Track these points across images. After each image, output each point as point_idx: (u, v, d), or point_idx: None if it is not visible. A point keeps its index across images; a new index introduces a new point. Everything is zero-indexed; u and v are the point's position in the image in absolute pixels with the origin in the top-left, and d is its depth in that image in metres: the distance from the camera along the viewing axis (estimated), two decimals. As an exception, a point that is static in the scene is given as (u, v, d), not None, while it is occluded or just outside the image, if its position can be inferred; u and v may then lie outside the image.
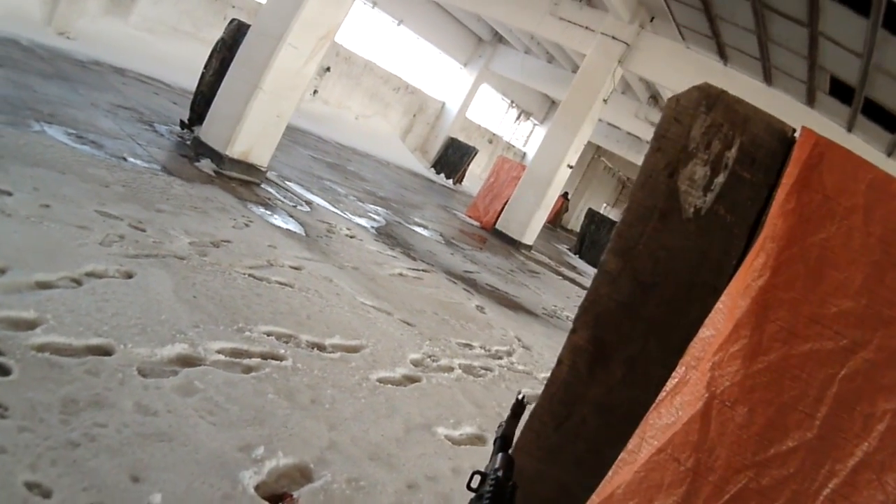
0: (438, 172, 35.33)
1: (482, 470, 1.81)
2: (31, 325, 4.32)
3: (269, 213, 10.26)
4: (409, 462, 4.98)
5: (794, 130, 2.46)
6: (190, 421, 4.11)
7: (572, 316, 12.91)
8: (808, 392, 2.04)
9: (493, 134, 44.31)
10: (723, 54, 20.78)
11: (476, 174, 38.97)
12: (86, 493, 3.23)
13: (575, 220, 51.49)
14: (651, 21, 22.03)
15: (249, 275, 6.96)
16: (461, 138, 37.84)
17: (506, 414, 2.14)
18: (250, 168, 11.75)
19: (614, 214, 59.49)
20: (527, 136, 47.98)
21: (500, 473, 1.72)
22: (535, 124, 47.43)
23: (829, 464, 1.97)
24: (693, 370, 2.15)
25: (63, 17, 19.37)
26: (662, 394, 2.17)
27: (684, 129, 2.59)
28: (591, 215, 32.99)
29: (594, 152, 51.64)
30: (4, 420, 3.40)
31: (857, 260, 2.13)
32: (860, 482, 1.95)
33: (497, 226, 22.75)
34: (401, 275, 10.43)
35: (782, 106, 20.18)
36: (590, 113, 22.50)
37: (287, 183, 13.29)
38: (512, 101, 43.79)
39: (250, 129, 11.49)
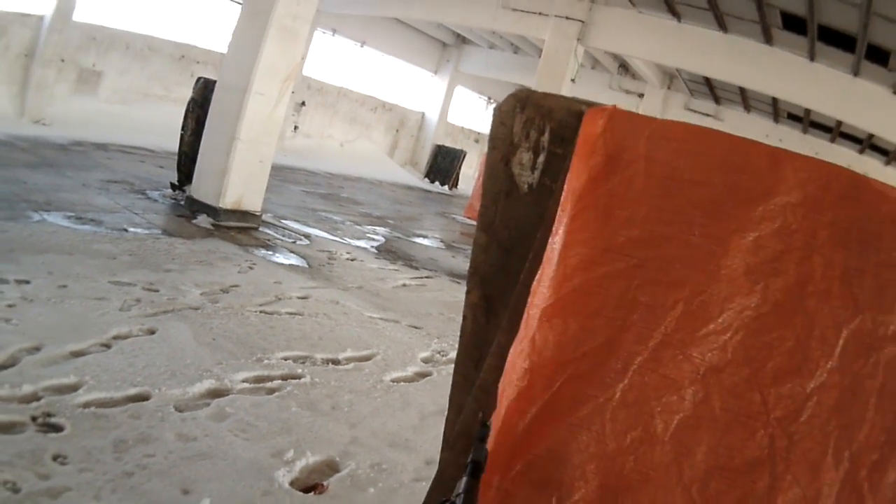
0: (433, 181, 35.68)
1: (448, 498, 2.00)
2: (73, 388, 4.88)
3: (270, 253, 10.79)
4: (426, 444, 5.51)
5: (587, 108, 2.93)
6: (226, 440, 4.69)
7: None
8: (608, 302, 2.65)
9: (478, 133, 44.57)
10: (674, 12, 21.04)
11: (469, 175, 38.80)
12: (145, 509, 3.82)
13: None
14: (600, -7, 22.40)
15: (261, 311, 7.51)
16: (447, 143, 38.26)
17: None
18: (245, 215, 12.26)
19: None
20: (510, 129, 47.74)
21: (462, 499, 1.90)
22: (516, 114, 47.24)
23: (632, 346, 2.58)
24: (531, 308, 2.79)
25: (34, 105, 19.71)
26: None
27: (508, 128, 3.18)
28: None
29: None
30: (65, 466, 3.99)
31: (640, 198, 2.71)
32: (665, 357, 2.57)
33: (492, 224, 22.78)
34: (404, 285, 10.97)
35: (742, 50, 20.87)
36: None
37: (283, 221, 13.79)
38: (489, 98, 43.87)
39: (237, 179, 12.02)
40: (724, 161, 2.70)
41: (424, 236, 17.40)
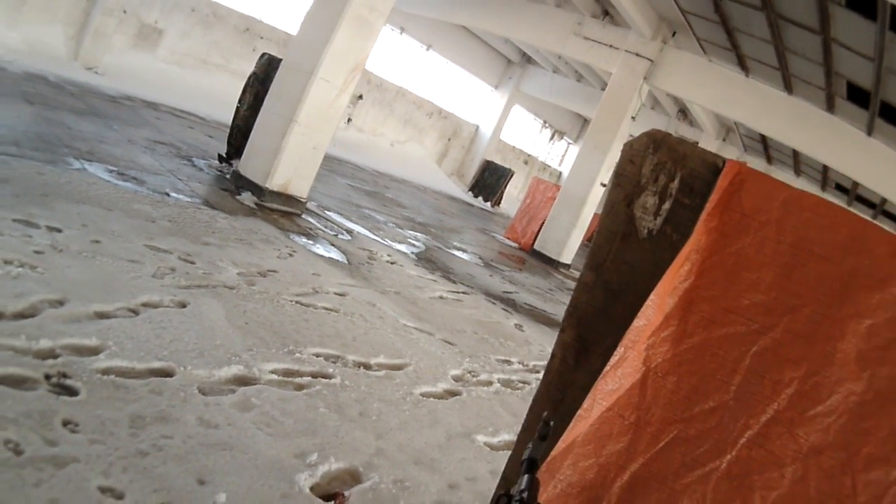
0: (476, 196, 35.43)
1: (507, 492, 1.94)
2: (94, 351, 4.63)
3: (311, 242, 10.52)
4: (451, 465, 5.27)
5: (724, 162, 2.87)
6: (248, 432, 4.43)
7: None
8: (725, 365, 2.64)
9: (528, 155, 44.35)
10: (743, 66, 20.92)
11: (513, 195, 39.16)
12: (156, 494, 3.55)
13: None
14: (673, 36, 22.25)
15: (296, 302, 7.25)
16: (497, 160, 37.90)
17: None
18: (290, 199, 12.03)
19: None
20: (561, 156, 47.93)
21: (524, 495, 1.85)
22: (568, 143, 47.44)
23: (744, 419, 2.56)
24: (630, 350, 2.78)
25: (89, 52, 19.70)
26: (607, 367, 2.80)
27: (637, 167, 3.10)
28: None
29: None
30: (75, 434, 3.72)
31: (769, 263, 2.68)
32: (773, 434, 2.53)
33: (535, 246, 22.87)
34: (441, 297, 10.66)
35: (803, 114, 20.83)
36: (619, 130, 22.71)
37: (327, 212, 13.56)
38: (545, 122, 43.95)
39: (288, 162, 11.80)
40: (850, 240, 2.64)
41: (464, 250, 17.11)
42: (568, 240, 22.49)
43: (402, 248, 13.63)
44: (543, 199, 23.89)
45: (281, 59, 12.64)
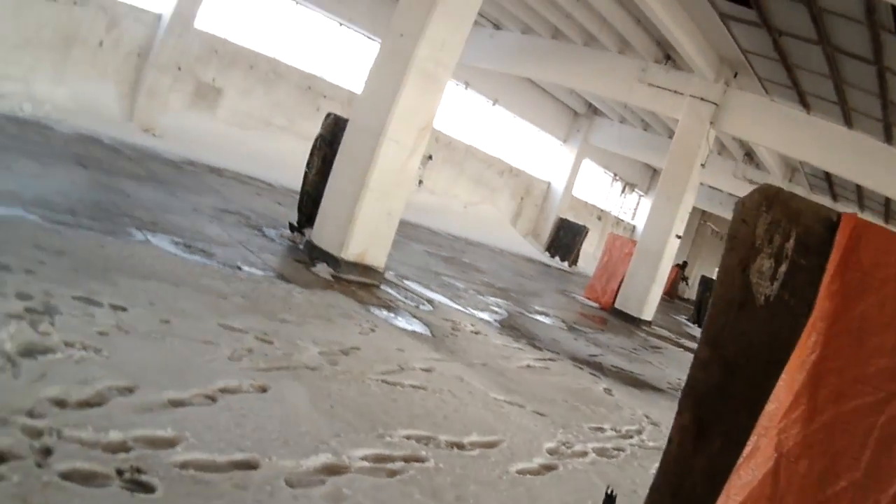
0: (553, 256, 35.26)
1: None
2: (170, 444, 4.26)
3: (392, 315, 10.19)
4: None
5: (839, 216, 2.78)
6: (342, 527, 4.03)
7: None
8: (855, 440, 2.56)
9: (601, 210, 44.34)
10: (804, 102, 20.92)
11: (589, 253, 38.87)
12: None
13: (690, 289, 51.03)
14: (735, 77, 22.25)
15: (382, 380, 6.89)
16: (570, 217, 37.79)
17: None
18: (367, 270, 11.69)
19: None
20: (634, 209, 47.89)
21: None
22: (640, 195, 47.53)
23: (873, 496, 2.48)
24: (763, 437, 2.67)
25: (144, 111, 19.69)
26: (740, 459, 2.68)
27: (750, 228, 3.00)
28: (705, 282, 33.19)
29: (699, 218, 51.28)
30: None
31: (891, 323, 2.56)
32: None
33: (616, 304, 22.53)
34: (528, 366, 10.31)
35: (864, 147, 20.92)
36: (690, 179, 22.55)
37: (405, 282, 13.27)
38: (615, 174, 43.98)
39: (362, 230, 11.45)
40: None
41: (546, 314, 16.74)
42: (647, 296, 22.23)
43: (485, 315, 13.32)
44: (621, 256, 23.53)
45: (347, 120, 12.35)
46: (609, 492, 4.16)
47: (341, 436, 5.25)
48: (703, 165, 23.04)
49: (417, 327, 10.12)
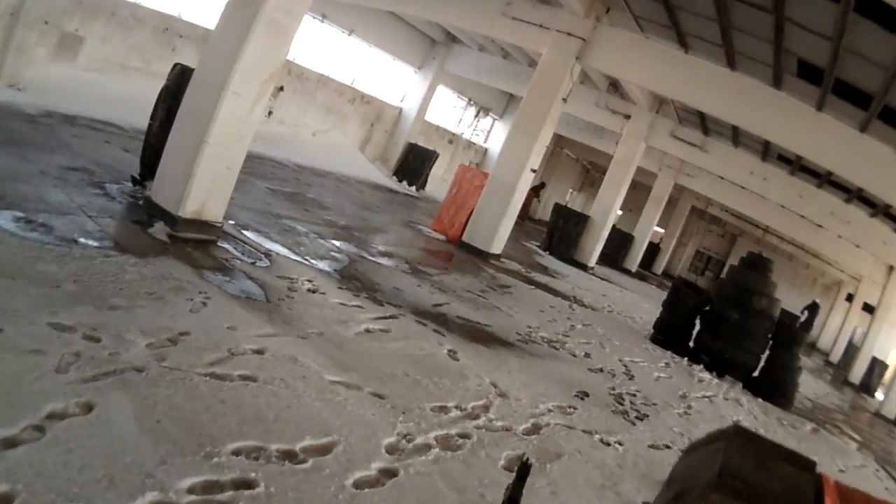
0: (400, 180, 34.94)
1: None
2: (6, 501, 4.01)
3: (226, 279, 9.81)
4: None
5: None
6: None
7: (547, 337, 14.46)
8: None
9: (453, 134, 44.18)
10: (683, 42, 20.80)
11: (438, 176, 38.96)
12: None
13: (543, 210, 51.45)
14: (607, 13, 21.97)
15: (211, 374, 6.59)
16: (421, 142, 37.56)
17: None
18: (205, 226, 11.25)
19: (580, 200, 60.36)
20: (487, 132, 47.84)
21: None
22: (494, 119, 47.42)
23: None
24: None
25: (12, 68, 18.92)
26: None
27: None
28: (558, 210, 33.16)
29: (555, 143, 51.50)
30: None
31: None
32: None
33: (463, 238, 22.40)
34: (367, 331, 10.03)
35: (748, 89, 20.80)
36: (550, 114, 22.31)
37: (244, 232, 12.83)
38: (470, 99, 43.86)
39: (201, 186, 10.98)
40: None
41: (390, 255, 16.51)
42: (497, 230, 22.16)
43: (325, 265, 12.98)
44: (471, 188, 23.24)
45: (193, 70, 11.86)
46: (525, 460, 4.01)
47: (167, 462, 5.00)
48: (564, 100, 22.91)
49: (253, 289, 9.84)
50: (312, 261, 12.86)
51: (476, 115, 45.73)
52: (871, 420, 28.83)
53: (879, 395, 40.54)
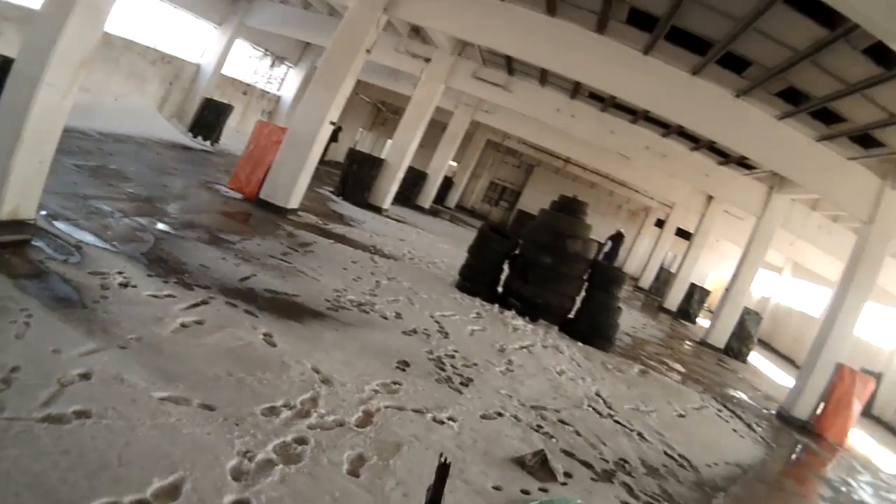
0: (196, 136, 34.42)
1: None
2: None
3: (43, 286, 9.34)
4: None
5: None
6: None
7: (356, 300, 14.45)
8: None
9: (248, 85, 43.96)
10: None
11: (232, 128, 38.72)
12: None
13: (337, 153, 51.40)
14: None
15: (48, 418, 6.27)
16: (217, 96, 37.09)
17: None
18: (21, 226, 10.74)
19: (370, 139, 61.71)
20: (281, 80, 47.75)
21: None
22: (289, 67, 47.39)
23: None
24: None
25: None
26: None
27: None
28: (352, 155, 33.40)
29: (353, 88, 50.86)
30: None
31: None
32: None
33: (261, 195, 22.26)
34: (183, 325, 9.76)
35: (569, 36, 21.44)
36: (352, 67, 22.33)
37: (55, 224, 12.28)
38: (266, 50, 43.64)
39: (16, 186, 10.45)
40: None
41: (192, 225, 16.16)
42: (295, 185, 22.19)
43: (132, 249, 12.51)
44: (268, 144, 22.86)
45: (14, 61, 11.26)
46: (444, 460, 4.54)
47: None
48: (368, 51, 22.85)
49: (69, 293, 9.45)
50: (120, 246, 12.42)
51: (272, 65, 45.59)
52: (697, 350, 30.61)
53: (701, 321, 42.34)
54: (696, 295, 44.62)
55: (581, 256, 19.89)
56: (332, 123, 22.69)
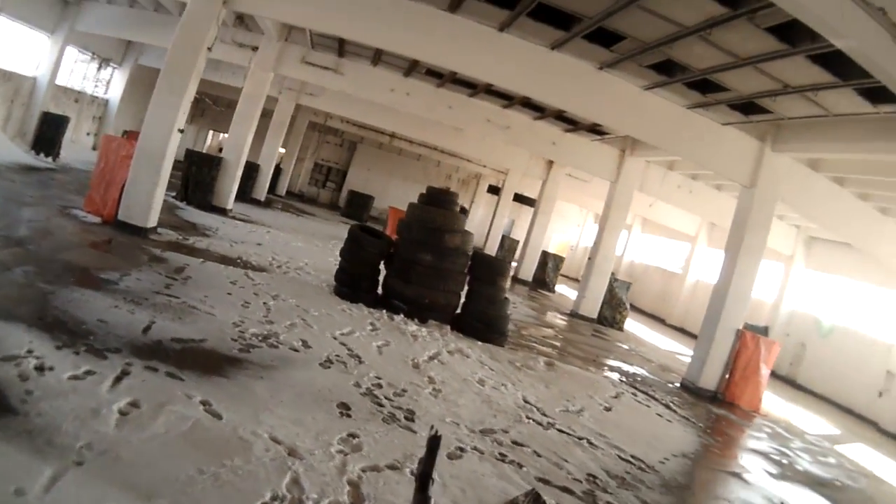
0: (38, 153, 32.39)
1: None
2: None
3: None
4: None
5: None
6: None
7: (258, 332, 13.69)
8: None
9: (78, 92, 41.80)
10: None
11: (69, 139, 36.78)
12: None
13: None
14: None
15: None
16: (52, 108, 35.15)
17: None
18: None
19: (191, 131, 60.48)
20: (107, 83, 45.76)
21: None
22: (114, 68, 45.42)
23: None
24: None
25: None
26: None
27: None
28: (191, 156, 32.21)
29: None
30: None
31: None
32: None
33: (119, 216, 20.72)
34: (122, 414, 8.36)
35: (416, 16, 20.99)
36: (196, 67, 21.04)
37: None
38: (93, 53, 41.65)
39: None
40: None
41: (67, 266, 14.70)
42: (153, 201, 20.89)
43: (27, 313, 10.97)
44: (118, 159, 21.26)
45: None
46: (434, 432, 4.59)
47: None
48: (209, 49, 21.51)
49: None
50: (14, 311, 10.87)
51: (98, 68, 43.64)
52: (573, 323, 31.17)
53: (560, 288, 43.37)
54: (549, 263, 45.14)
55: (461, 250, 19.58)
56: (181, 131, 21.31)
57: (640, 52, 19.50)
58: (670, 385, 22.76)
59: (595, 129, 32.77)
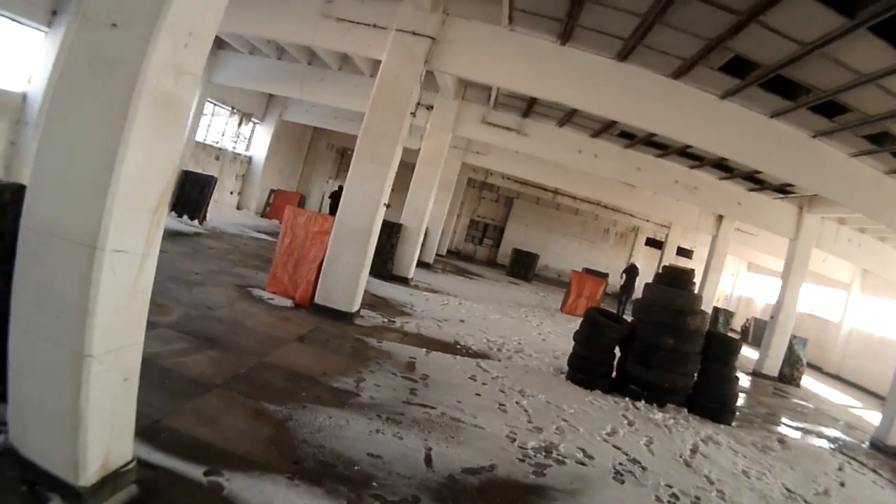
0: (180, 215, 30.31)
1: None
2: None
3: None
4: None
5: None
6: None
7: (538, 446, 11.79)
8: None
9: (219, 149, 39.62)
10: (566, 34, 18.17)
11: (214, 199, 34.26)
12: None
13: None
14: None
15: None
16: (191, 167, 33.35)
17: None
18: (116, 480, 6.13)
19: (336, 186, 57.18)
20: (248, 139, 43.68)
21: None
22: (255, 124, 43.29)
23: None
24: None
25: None
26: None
27: None
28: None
29: (312, 134, 50.13)
30: None
31: None
32: None
33: (316, 299, 18.04)
34: None
35: (638, 81, 19.30)
36: (400, 134, 18.33)
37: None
38: (233, 107, 39.56)
39: (98, 427, 5.72)
40: None
41: (293, 376, 11.88)
42: (357, 284, 18.06)
43: (273, 456, 8.31)
44: (308, 235, 18.76)
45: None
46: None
47: None
48: (413, 114, 18.82)
49: None
50: (262, 462, 8.14)
51: (239, 124, 41.48)
52: (755, 382, 30.71)
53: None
54: (720, 318, 43.61)
55: (700, 331, 18.39)
56: (387, 205, 18.78)
57: (861, 123, 18.41)
58: (862, 445, 21.49)
59: (781, 189, 31.44)
